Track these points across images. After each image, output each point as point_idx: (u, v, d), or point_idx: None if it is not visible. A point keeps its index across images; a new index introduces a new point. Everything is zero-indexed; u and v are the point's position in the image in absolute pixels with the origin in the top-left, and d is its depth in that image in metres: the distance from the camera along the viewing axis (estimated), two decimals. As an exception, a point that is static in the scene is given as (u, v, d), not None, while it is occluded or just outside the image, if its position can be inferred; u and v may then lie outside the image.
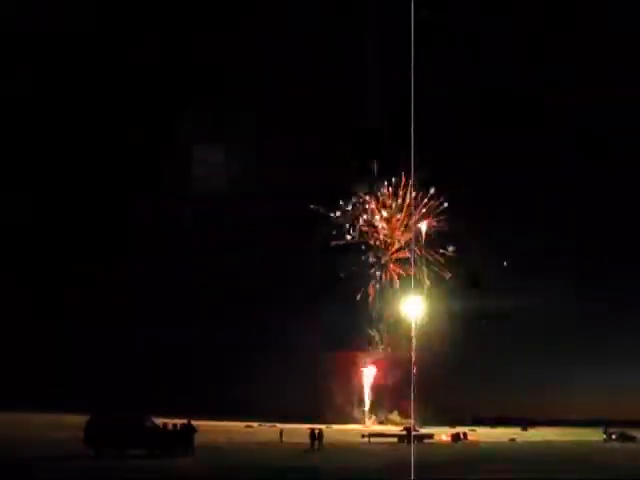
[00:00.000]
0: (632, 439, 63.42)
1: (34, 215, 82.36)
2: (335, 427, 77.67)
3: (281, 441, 50.28)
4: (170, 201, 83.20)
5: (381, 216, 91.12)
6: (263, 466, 28.80)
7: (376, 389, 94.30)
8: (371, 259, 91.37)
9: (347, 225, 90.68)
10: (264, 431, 72.35)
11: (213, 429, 57.12)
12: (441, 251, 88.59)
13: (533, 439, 69.37)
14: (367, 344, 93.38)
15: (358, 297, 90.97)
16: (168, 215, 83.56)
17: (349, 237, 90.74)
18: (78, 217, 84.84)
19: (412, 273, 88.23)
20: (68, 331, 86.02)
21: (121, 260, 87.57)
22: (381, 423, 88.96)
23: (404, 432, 60.64)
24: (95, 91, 79.42)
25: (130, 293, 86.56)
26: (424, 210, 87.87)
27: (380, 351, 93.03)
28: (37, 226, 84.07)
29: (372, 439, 57.93)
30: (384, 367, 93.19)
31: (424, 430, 67.11)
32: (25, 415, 63.79)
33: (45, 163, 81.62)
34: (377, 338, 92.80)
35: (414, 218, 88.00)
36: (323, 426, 54.95)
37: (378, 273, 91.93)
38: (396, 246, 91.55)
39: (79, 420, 33.70)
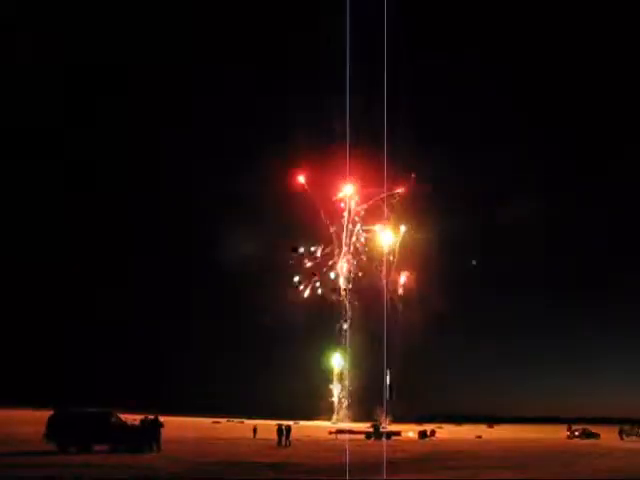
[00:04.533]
0: (595, 436, 64.66)
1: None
2: (302, 423, 77.71)
3: (254, 437, 50.00)
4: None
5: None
6: (229, 461, 28.51)
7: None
8: None
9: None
10: (232, 427, 72.09)
11: (180, 425, 56.67)
12: None
13: (499, 436, 70.22)
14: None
15: None
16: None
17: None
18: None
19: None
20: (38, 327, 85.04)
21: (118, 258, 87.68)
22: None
23: (371, 429, 61.02)
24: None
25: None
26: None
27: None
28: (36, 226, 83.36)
29: (339, 435, 57.95)
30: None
31: (391, 427, 67.47)
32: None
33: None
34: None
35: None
36: (291, 422, 54.78)
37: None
38: None
39: (42, 416, 33.01)
